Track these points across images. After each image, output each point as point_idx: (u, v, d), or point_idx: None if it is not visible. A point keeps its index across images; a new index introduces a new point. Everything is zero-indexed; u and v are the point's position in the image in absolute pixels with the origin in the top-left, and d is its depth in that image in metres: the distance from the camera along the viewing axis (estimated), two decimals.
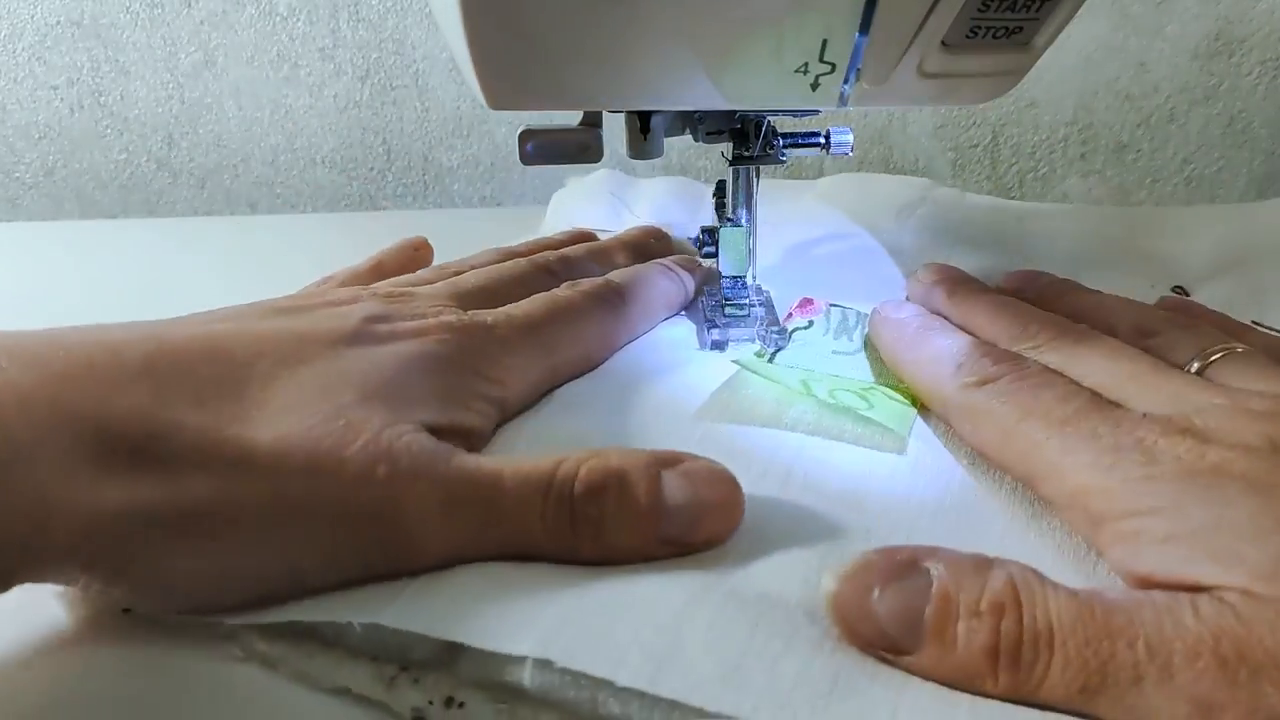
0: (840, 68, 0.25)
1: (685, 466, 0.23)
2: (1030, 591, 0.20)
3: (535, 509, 0.22)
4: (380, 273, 0.35)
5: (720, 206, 0.36)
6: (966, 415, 0.28)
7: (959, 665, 0.20)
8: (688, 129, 0.34)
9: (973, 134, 0.60)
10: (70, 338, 0.22)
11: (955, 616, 0.20)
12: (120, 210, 0.62)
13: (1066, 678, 0.19)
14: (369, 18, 0.58)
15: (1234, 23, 0.56)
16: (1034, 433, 0.25)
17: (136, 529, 0.19)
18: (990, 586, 0.20)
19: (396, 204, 0.62)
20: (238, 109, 0.60)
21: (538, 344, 0.29)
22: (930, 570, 0.21)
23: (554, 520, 0.22)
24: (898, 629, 0.20)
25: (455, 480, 0.22)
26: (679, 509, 0.23)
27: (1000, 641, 0.19)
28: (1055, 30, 0.26)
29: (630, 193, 0.50)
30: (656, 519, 0.22)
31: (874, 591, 0.20)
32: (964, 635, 0.20)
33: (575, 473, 0.22)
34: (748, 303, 0.35)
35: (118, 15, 0.57)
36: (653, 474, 0.23)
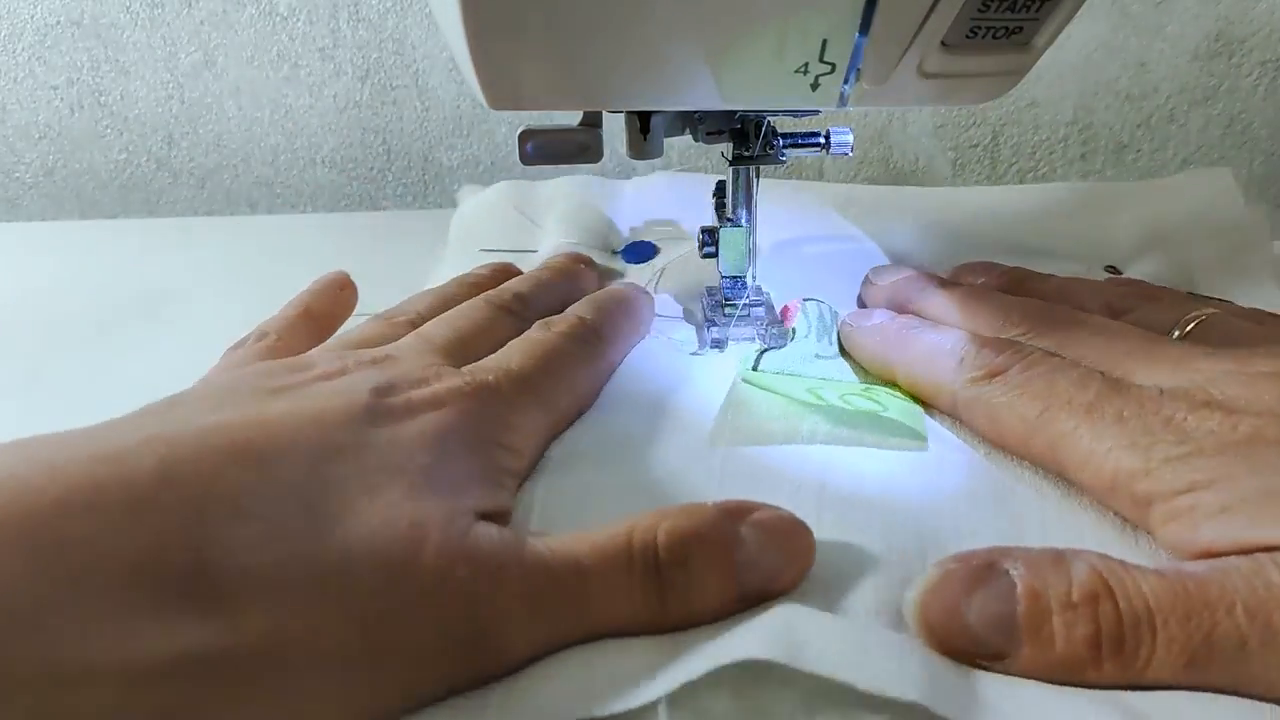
0: (840, 68, 0.25)
1: (757, 518, 0.23)
2: (1118, 577, 0.20)
3: (622, 588, 0.21)
4: (310, 318, 0.33)
5: (720, 206, 0.36)
6: (982, 411, 0.27)
7: (1061, 660, 0.20)
8: (688, 129, 0.34)
9: (973, 134, 0.60)
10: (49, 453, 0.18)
11: (1049, 612, 0.20)
12: (120, 210, 0.62)
13: (1173, 654, 0.19)
14: (369, 18, 0.58)
15: (1234, 23, 0.56)
16: (1059, 423, 0.25)
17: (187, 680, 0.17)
18: (1077, 578, 0.20)
19: (396, 204, 0.62)
20: (238, 109, 0.60)
21: (538, 401, 0.28)
22: (1010, 571, 0.21)
23: (642, 595, 0.21)
24: (993, 634, 0.20)
25: (537, 571, 0.20)
26: (758, 565, 0.22)
27: (1101, 630, 0.19)
28: (1055, 30, 0.26)
29: (533, 204, 0.47)
30: (741, 577, 0.22)
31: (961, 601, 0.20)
32: (1062, 630, 0.20)
33: (653, 542, 0.21)
34: (748, 303, 0.35)
35: (118, 15, 0.57)
36: (729, 532, 0.22)
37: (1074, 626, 0.19)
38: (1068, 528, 0.25)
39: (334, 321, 0.34)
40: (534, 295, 0.34)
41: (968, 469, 0.27)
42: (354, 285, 0.35)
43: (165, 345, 0.40)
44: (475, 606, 0.20)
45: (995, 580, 0.21)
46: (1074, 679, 0.20)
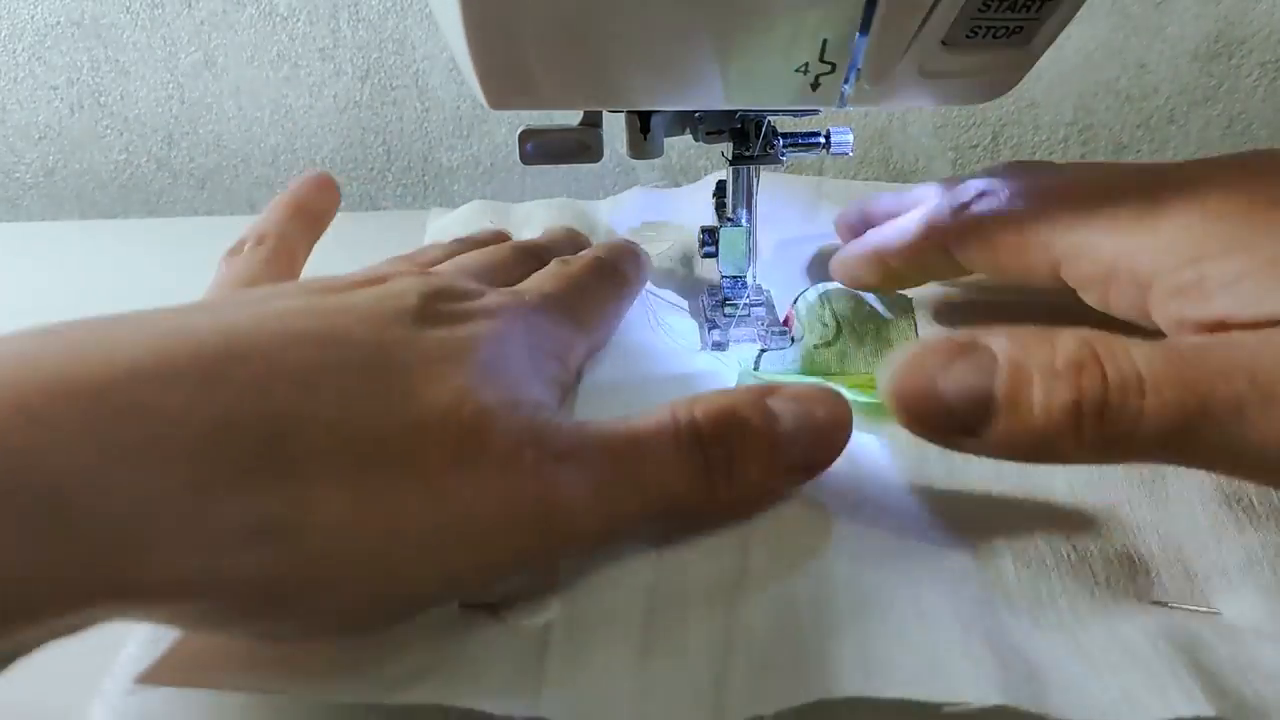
0: (840, 68, 0.25)
1: (789, 390, 0.22)
2: (1109, 346, 0.19)
3: (672, 462, 0.21)
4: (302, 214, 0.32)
5: (720, 206, 0.36)
6: (973, 233, 0.26)
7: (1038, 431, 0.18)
8: (688, 129, 0.34)
9: (973, 134, 0.60)
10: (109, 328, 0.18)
11: (1029, 381, 0.19)
12: (120, 210, 0.62)
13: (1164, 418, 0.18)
14: (369, 18, 0.58)
15: (1234, 24, 0.56)
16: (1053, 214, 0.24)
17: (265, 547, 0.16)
18: (1063, 348, 0.19)
19: (396, 204, 0.62)
20: (238, 109, 0.60)
21: (574, 322, 0.28)
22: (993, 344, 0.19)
23: (690, 469, 0.21)
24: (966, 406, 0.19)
25: (599, 451, 0.21)
26: (798, 433, 0.22)
27: (1084, 396, 0.18)
28: (1055, 30, 0.26)
29: (510, 224, 0.45)
30: (780, 447, 0.22)
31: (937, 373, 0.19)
32: (1041, 397, 0.18)
33: (694, 418, 0.21)
34: (748, 303, 0.35)
35: (118, 15, 0.57)
36: (763, 405, 0.22)
37: (1054, 394, 0.18)
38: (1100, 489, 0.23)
39: (325, 219, 0.33)
40: (552, 246, 0.35)
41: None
42: (335, 184, 0.34)
43: None
44: (542, 485, 0.20)
45: (975, 353, 0.19)
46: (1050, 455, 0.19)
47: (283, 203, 0.32)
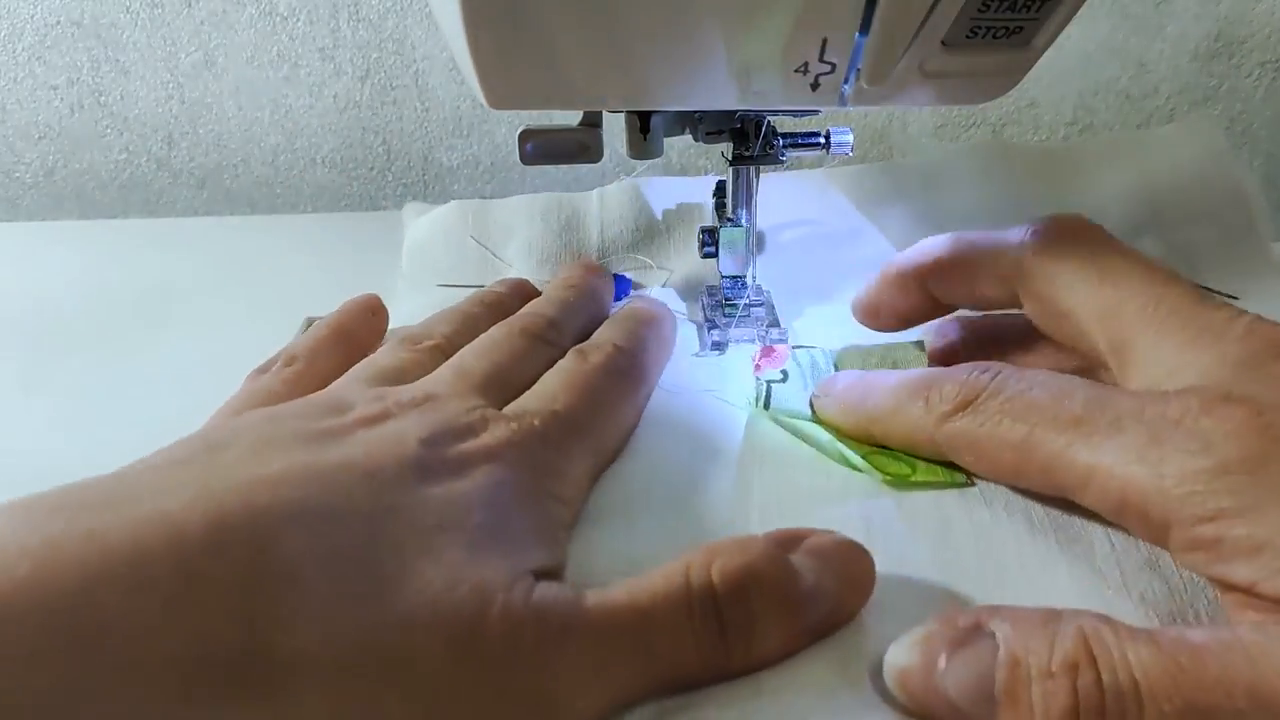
0: (840, 68, 0.25)
1: (810, 545, 0.22)
2: (1104, 645, 0.18)
3: (684, 633, 0.20)
4: (340, 340, 0.31)
5: (720, 206, 0.36)
6: (964, 446, 0.25)
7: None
8: (688, 129, 0.34)
9: (973, 134, 0.60)
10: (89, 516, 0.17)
11: (1028, 681, 0.18)
12: (120, 210, 0.62)
13: None
14: (369, 18, 0.58)
15: (1234, 23, 0.56)
16: (1048, 442, 0.23)
17: None
18: (1060, 645, 0.18)
19: (396, 204, 0.62)
20: (238, 109, 0.60)
21: (585, 443, 0.27)
22: (995, 633, 0.19)
23: (705, 638, 0.20)
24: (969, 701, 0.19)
25: (604, 628, 0.19)
26: (819, 595, 0.21)
27: (1080, 703, 0.18)
28: (1055, 30, 0.26)
29: (489, 231, 0.43)
30: (801, 610, 0.21)
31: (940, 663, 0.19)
32: (1040, 701, 0.18)
33: (709, 580, 0.20)
34: (748, 303, 0.35)
35: (118, 15, 0.57)
36: (785, 563, 0.21)
37: (1053, 697, 0.18)
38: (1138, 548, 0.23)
39: (365, 347, 0.31)
40: (565, 320, 0.33)
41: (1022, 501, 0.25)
42: (385, 310, 0.33)
43: (165, 345, 0.40)
44: (542, 670, 0.19)
45: (978, 643, 0.19)
46: None
47: (325, 325, 0.31)
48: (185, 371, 0.38)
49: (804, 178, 0.47)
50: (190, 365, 0.38)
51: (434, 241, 0.43)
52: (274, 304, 0.42)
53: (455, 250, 0.42)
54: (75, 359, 0.39)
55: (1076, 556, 0.23)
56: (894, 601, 0.22)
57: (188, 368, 0.38)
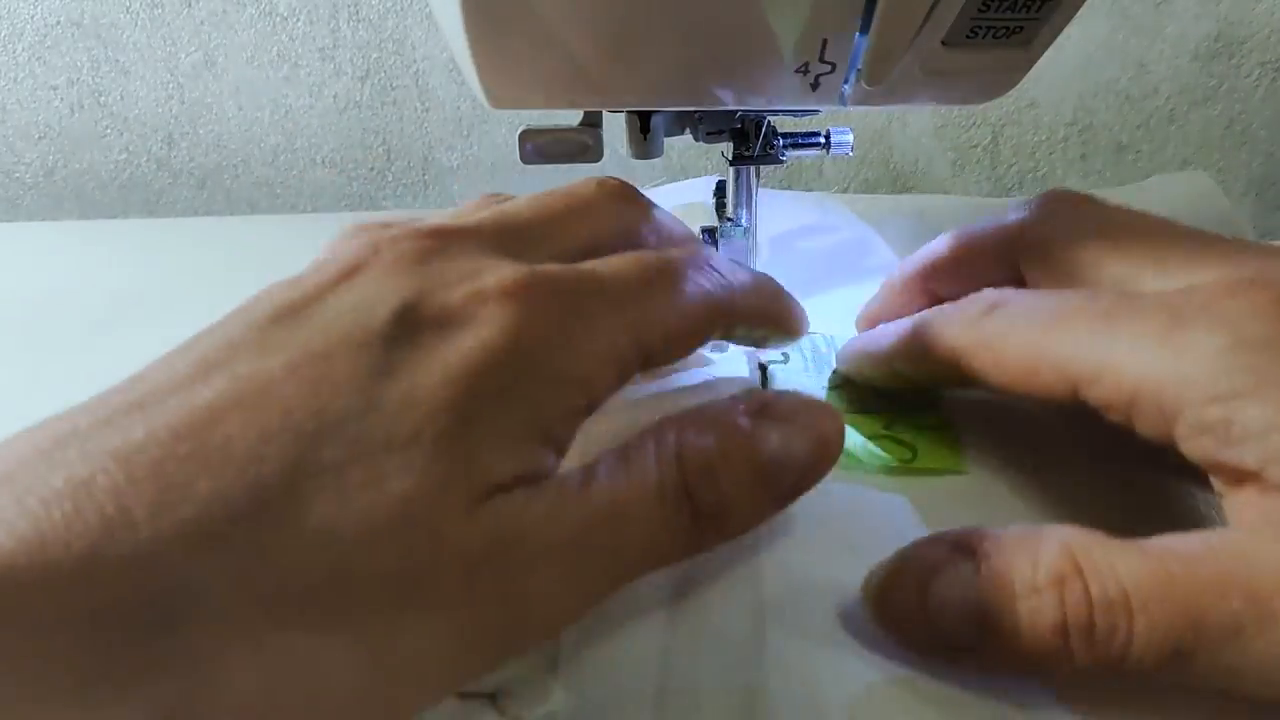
0: (840, 68, 0.25)
1: (781, 410, 0.21)
2: (1090, 557, 0.18)
3: (657, 522, 0.19)
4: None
5: (720, 206, 0.36)
6: (984, 348, 0.23)
7: (1027, 649, 0.18)
8: (688, 129, 0.34)
9: (973, 134, 0.60)
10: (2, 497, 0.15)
11: (1012, 598, 0.18)
12: (120, 210, 0.62)
13: (1154, 642, 0.17)
14: (369, 18, 0.58)
15: (1234, 24, 0.56)
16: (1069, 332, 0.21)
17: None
18: (1044, 558, 0.18)
19: (396, 204, 0.62)
20: (238, 109, 0.60)
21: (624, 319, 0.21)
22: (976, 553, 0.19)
23: (677, 524, 0.19)
24: (953, 624, 0.18)
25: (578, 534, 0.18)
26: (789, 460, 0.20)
27: (1068, 616, 0.17)
28: (1055, 30, 0.26)
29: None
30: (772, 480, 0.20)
31: (918, 590, 0.19)
32: (1026, 617, 0.18)
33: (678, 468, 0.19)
34: None
35: (118, 15, 0.57)
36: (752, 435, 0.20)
37: (1039, 613, 0.17)
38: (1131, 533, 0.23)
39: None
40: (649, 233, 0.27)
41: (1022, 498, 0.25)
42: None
43: (165, 345, 0.40)
44: (506, 595, 0.17)
45: (958, 565, 0.19)
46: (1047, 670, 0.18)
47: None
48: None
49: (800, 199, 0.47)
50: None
51: None
52: None
53: None
54: (75, 359, 0.39)
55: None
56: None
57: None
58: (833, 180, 0.62)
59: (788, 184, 0.61)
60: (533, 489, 0.18)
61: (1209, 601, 0.17)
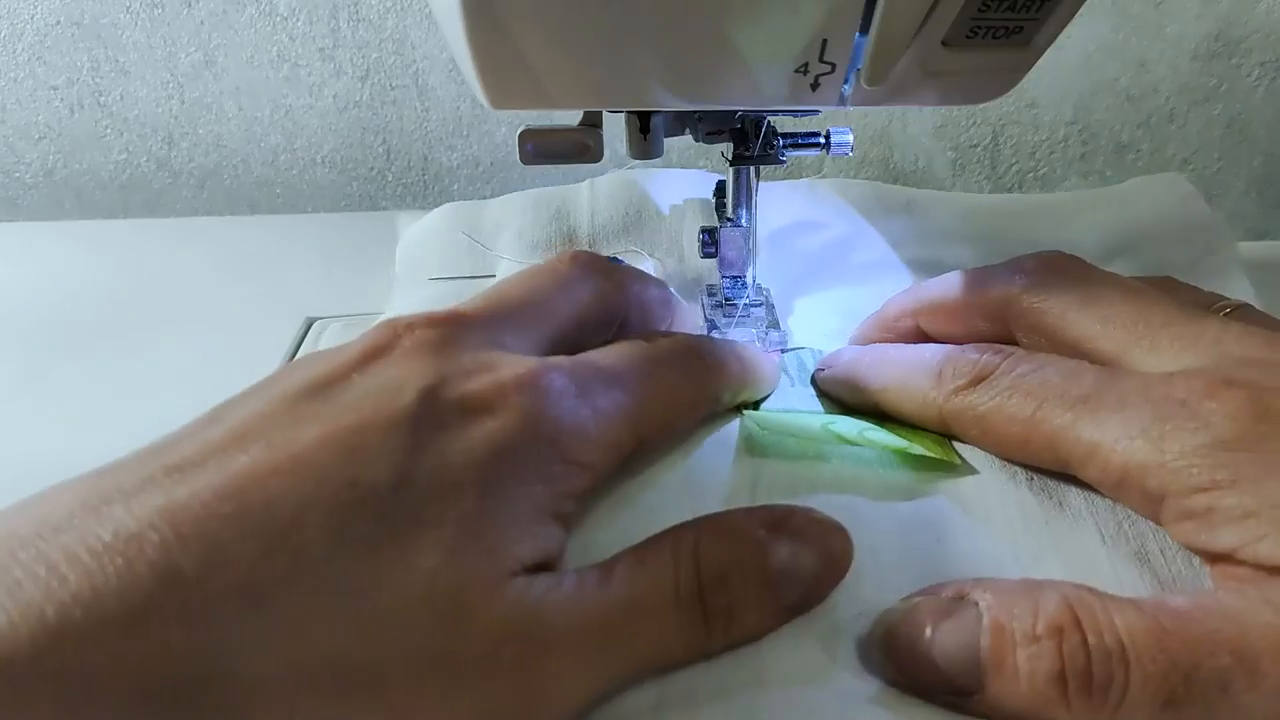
0: (840, 68, 0.25)
1: (794, 525, 0.22)
2: (1089, 609, 0.19)
3: (669, 620, 0.20)
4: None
5: (720, 206, 0.36)
6: (970, 420, 0.25)
7: (1026, 697, 0.18)
8: (688, 129, 0.34)
9: (973, 134, 0.60)
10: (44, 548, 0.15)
11: (1013, 646, 0.19)
12: (120, 210, 0.62)
13: (1147, 694, 0.18)
14: (369, 18, 0.58)
15: (1234, 24, 0.56)
16: (1055, 417, 0.23)
17: None
18: (1044, 609, 0.19)
19: (396, 204, 0.62)
20: (238, 109, 0.60)
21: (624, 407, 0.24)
22: (979, 602, 0.20)
23: (688, 624, 0.20)
24: (956, 669, 0.19)
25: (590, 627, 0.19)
26: (798, 573, 0.21)
27: (1066, 666, 0.18)
28: (1055, 30, 0.26)
29: (481, 227, 0.42)
30: (780, 591, 0.21)
31: (926, 634, 0.19)
32: (1025, 664, 0.18)
33: (694, 568, 0.20)
34: (748, 303, 0.35)
35: (118, 15, 0.57)
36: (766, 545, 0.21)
37: (1038, 661, 0.18)
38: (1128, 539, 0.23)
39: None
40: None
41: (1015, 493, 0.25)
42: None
43: (165, 345, 0.40)
44: (525, 676, 0.18)
45: (962, 613, 0.20)
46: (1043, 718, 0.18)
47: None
48: (185, 371, 0.38)
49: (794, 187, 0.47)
50: (190, 365, 0.38)
51: (426, 242, 0.43)
52: (274, 304, 0.42)
53: (448, 247, 0.42)
54: (75, 359, 0.39)
55: (1069, 552, 0.24)
56: (890, 591, 0.22)
57: (188, 368, 0.38)
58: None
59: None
60: (553, 577, 0.20)
61: (1200, 657, 0.18)
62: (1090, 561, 0.23)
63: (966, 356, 0.26)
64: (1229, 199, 0.60)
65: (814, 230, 0.42)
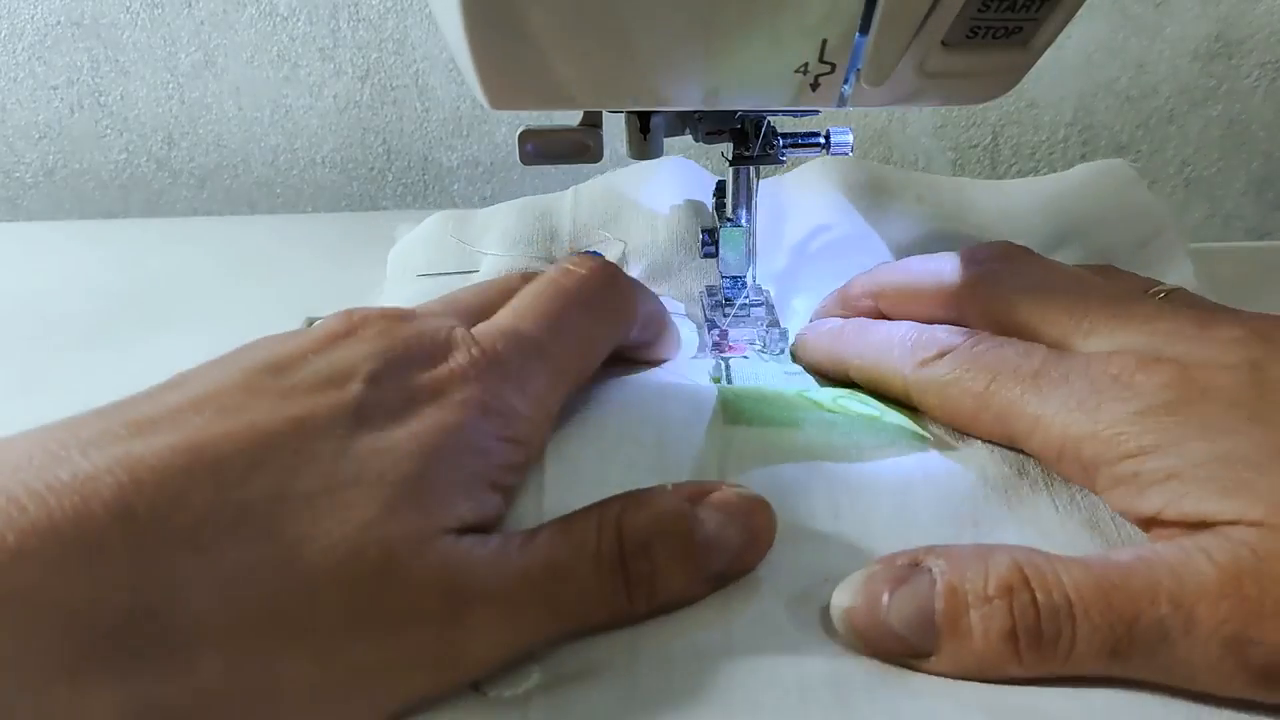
0: (840, 68, 0.25)
1: (717, 499, 0.23)
2: (1037, 569, 0.20)
3: (591, 585, 0.21)
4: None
5: (720, 206, 0.36)
6: (931, 390, 0.27)
7: (980, 655, 0.20)
8: (688, 129, 0.34)
9: (973, 134, 0.60)
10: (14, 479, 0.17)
11: (966, 607, 0.20)
12: (120, 210, 0.62)
13: (1094, 645, 0.19)
14: (369, 18, 0.58)
15: (1234, 24, 0.56)
16: (1006, 391, 0.25)
17: None
18: (994, 571, 0.20)
19: (396, 204, 0.62)
20: (238, 109, 0.60)
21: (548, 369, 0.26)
22: (933, 568, 0.21)
23: (610, 589, 0.21)
24: (913, 632, 0.20)
25: (515, 586, 0.20)
26: (722, 545, 0.22)
27: (1017, 623, 0.19)
28: (1055, 30, 0.26)
29: (471, 231, 0.43)
30: (703, 560, 0.22)
31: (883, 600, 0.20)
32: (979, 624, 0.20)
33: (616, 535, 0.21)
34: (748, 303, 0.35)
35: (118, 15, 0.58)
36: (688, 516, 0.22)
37: (990, 620, 0.19)
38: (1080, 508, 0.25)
39: None
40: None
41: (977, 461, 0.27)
42: None
43: (165, 345, 0.40)
44: (446, 629, 0.19)
45: (916, 578, 0.21)
46: (996, 674, 0.20)
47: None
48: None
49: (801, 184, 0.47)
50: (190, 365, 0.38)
51: (416, 242, 0.44)
52: (274, 304, 0.42)
53: (436, 247, 0.43)
54: (75, 359, 0.39)
55: (1024, 519, 0.25)
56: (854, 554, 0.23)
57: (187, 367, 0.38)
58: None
59: None
60: (481, 538, 0.21)
61: (1141, 607, 0.19)
62: (1045, 529, 0.24)
63: (935, 334, 0.28)
64: (1228, 199, 0.61)
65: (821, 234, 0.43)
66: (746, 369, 0.33)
